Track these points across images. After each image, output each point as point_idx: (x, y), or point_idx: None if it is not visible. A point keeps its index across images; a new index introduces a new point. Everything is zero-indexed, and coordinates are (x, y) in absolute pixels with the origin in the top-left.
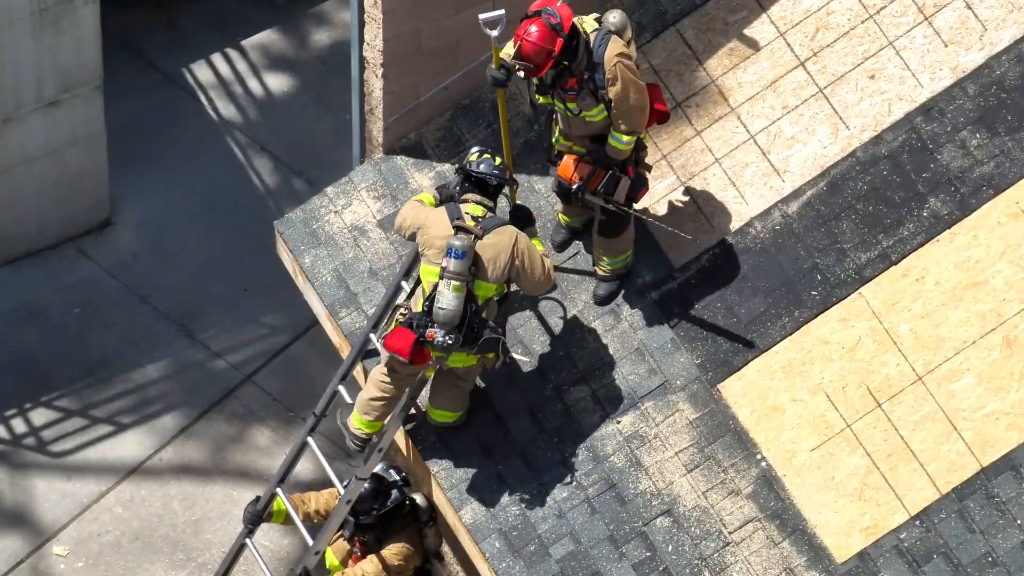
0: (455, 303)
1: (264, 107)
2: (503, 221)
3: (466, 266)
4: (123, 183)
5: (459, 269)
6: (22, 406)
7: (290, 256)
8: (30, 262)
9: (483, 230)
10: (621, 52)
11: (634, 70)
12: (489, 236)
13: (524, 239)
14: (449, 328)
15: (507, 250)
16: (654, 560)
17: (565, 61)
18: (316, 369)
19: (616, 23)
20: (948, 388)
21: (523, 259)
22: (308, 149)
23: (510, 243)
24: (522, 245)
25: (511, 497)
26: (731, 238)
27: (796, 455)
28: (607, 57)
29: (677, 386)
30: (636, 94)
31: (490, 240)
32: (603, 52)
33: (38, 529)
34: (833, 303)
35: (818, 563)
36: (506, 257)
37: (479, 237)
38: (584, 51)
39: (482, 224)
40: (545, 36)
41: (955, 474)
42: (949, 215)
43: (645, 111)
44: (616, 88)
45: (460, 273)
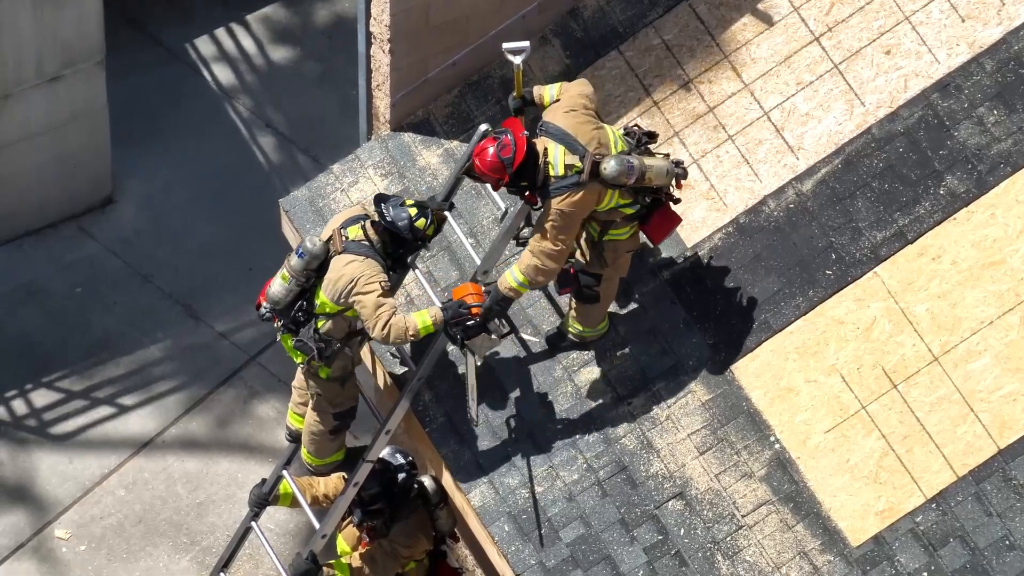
0: (279, 290)
1: (269, 83)
2: (373, 255)
3: (302, 267)
4: (125, 160)
5: (294, 266)
6: (23, 387)
7: (295, 234)
8: (31, 241)
9: (344, 249)
10: (561, 208)
11: (563, 227)
12: (346, 256)
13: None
14: (273, 307)
15: (348, 280)
16: (666, 544)
17: (523, 182)
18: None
19: (608, 175)
20: (965, 369)
21: (359, 303)
22: (314, 126)
23: (354, 277)
24: (361, 289)
25: (520, 480)
26: (744, 217)
27: (810, 437)
28: (547, 203)
29: (689, 367)
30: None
31: (344, 260)
32: (550, 196)
33: (40, 512)
34: (848, 283)
35: (832, 547)
36: (344, 285)
37: (337, 252)
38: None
39: (347, 245)
40: (495, 166)
41: (972, 456)
42: (966, 193)
43: (544, 270)
44: (536, 221)
45: (294, 269)
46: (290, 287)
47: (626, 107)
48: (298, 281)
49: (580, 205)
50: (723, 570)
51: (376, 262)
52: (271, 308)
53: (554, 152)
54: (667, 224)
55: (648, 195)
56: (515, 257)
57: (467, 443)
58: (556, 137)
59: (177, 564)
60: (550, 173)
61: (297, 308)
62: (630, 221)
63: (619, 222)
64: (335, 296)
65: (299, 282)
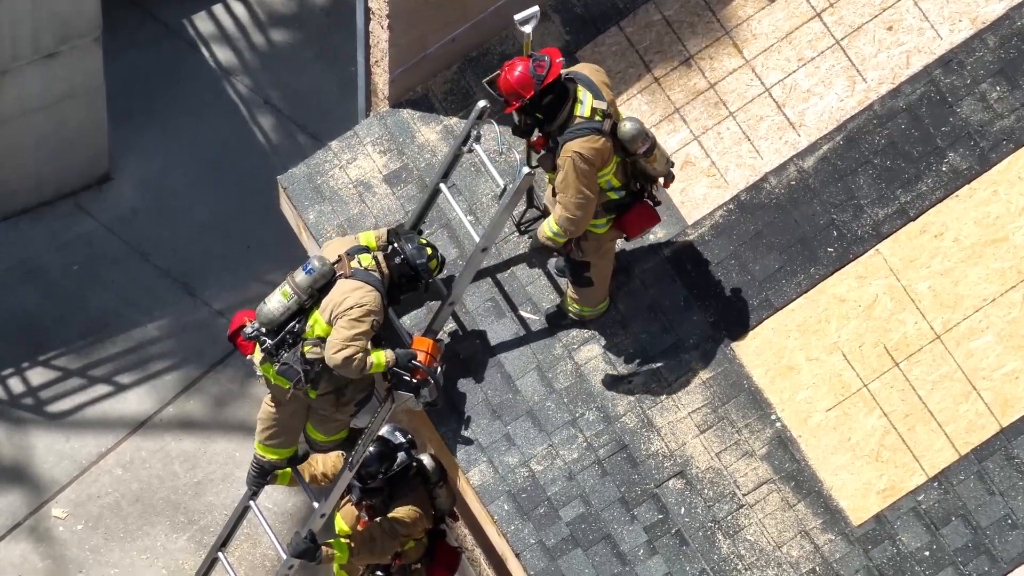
0: (277, 306)
1: (267, 59)
2: (380, 288)
3: (308, 284)
4: (123, 137)
5: (300, 281)
6: (20, 365)
7: (294, 212)
8: (28, 218)
9: (352, 274)
10: (581, 151)
11: (585, 173)
12: (350, 282)
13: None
14: (263, 326)
15: (350, 304)
16: (666, 523)
17: (539, 115)
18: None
19: (626, 131)
20: (967, 347)
21: (342, 326)
22: (312, 102)
23: (357, 303)
24: (353, 316)
25: (520, 458)
26: (745, 194)
27: (811, 415)
28: (566, 146)
29: (690, 345)
30: (575, 196)
31: (352, 284)
32: (568, 139)
33: (36, 491)
34: (850, 260)
35: (834, 525)
36: (342, 309)
37: (345, 276)
38: (560, 123)
39: (356, 271)
40: (523, 81)
41: (974, 435)
42: (968, 170)
43: (575, 219)
44: (558, 178)
45: (299, 285)
46: (289, 304)
47: (627, 83)
48: (299, 299)
49: (597, 153)
50: (724, 549)
51: (380, 296)
52: (258, 328)
53: (584, 94)
54: (646, 221)
55: (639, 182)
56: (513, 235)
57: (466, 422)
58: (585, 84)
59: (175, 543)
60: (576, 111)
61: (288, 329)
62: (608, 212)
63: (599, 210)
64: (331, 317)
65: (299, 300)
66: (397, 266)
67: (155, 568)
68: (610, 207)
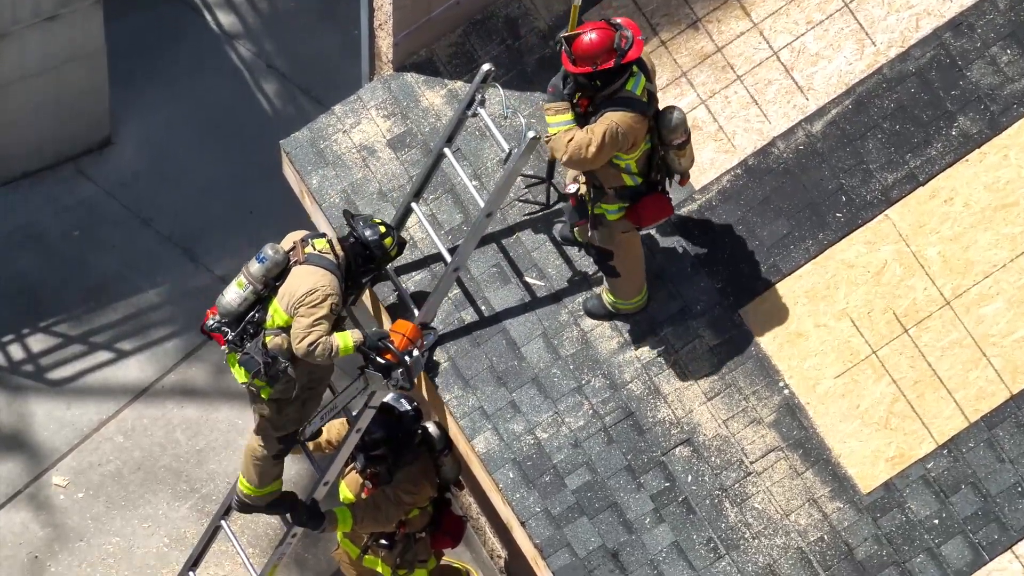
0: (233, 297)
1: (270, 22)
2: (335, 271)
3: (262, 274)
4: (124, 101)
5: (254, 271)
6: (20, 332)
7: (296, 177)
8: (28, 183)
9: (306, 260)
10: (620, 124)
11: (614, 138)
12: (307, 267)
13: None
14: (223, 318)
15: (306, 290)
16: (673, 491)
17: (597, 81)
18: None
19: (672, 119)
20: (977, 313)
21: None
22: (315, 66)
23: (312, 288)
24: (310, 302)
25: (525, 426)
26: (753, 158)
27: (820, 382)
28: (608, 113)
29: (697, 311)
30: (592, 146)
31: (306, 270)
32: (611, 110)
33: (37, 459)
34: (858, 225)
35: (842, 493)
36: (301, 294)
37: (299, 263)
38: (607, 96)
39: (309, 256)
40: (605, 50)
41: (984, 401)
42: (979, 134)
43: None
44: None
45: (253, 275)
46: (245, 294)
47: None
48: (255, 288)
49: (632, 132)
50: (731, 517)
51: (336, 279)
52: (219, 320)
53: (638, 77)
54: (660, 212)
55: (659, 174)
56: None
57: (471, 389)
58: (640, 64)
59: (176, 511)
60: (628, 87)
61: (248, 319)
62: (622, 199)
63: (611, 195)
64: (289, 305)
65: (256, 290)
66: (351, 246)
67: (157, 536)
68: (624, 195)
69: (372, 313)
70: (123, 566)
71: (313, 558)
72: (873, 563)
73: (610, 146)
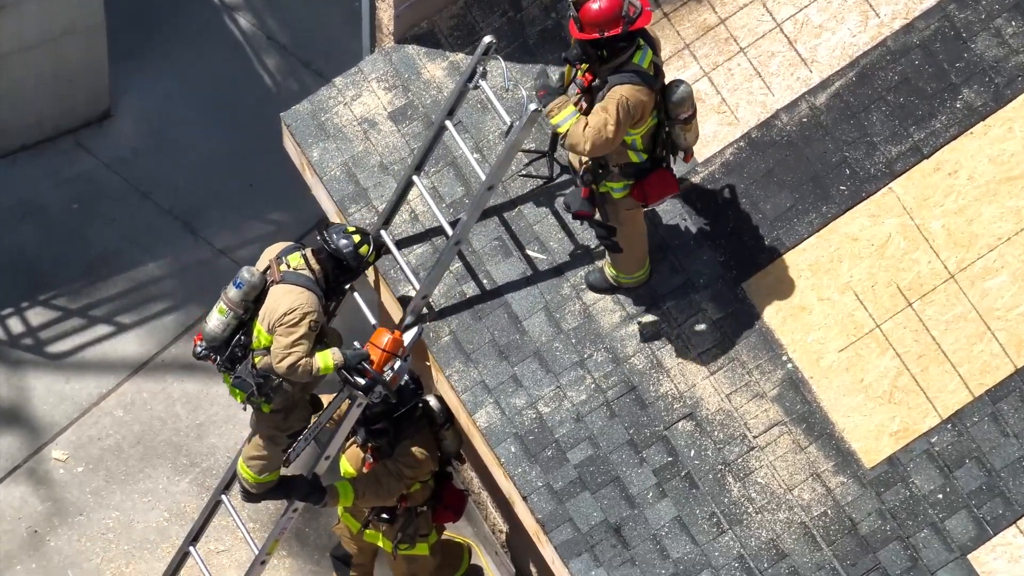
0: (216, 324)
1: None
2: (312, 287)
3: (240, 298)
4: (124, 74)
5: (232, 296)
6: (19, 305)
7: (297, 150)
8: (27, 156)
9: (282, 279)
10: (628, 96)
11: (627, 111)
12: (281, 287)
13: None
14: (210, 344)
15: (284, 311)
16: (676, 465)
17: (603, 52)
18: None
19: (678, 93)
20: (981, 286)
21: (280, 334)
22: (316, 38)
23: (290, 308)
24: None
25: (527, 400)
26: (756, 131)
27: (823, 356)
28: (615, 88)
29: (700, 285)
30: (611, 124)
31: (283, 290)
32: (618, 82)
33: (36, 433)
34: (862, 198)
35: (846, 468)
36: (279, 314)
37: (276, 282)
38: (613, 68)
39: (285, 274)
40: (613, 17)
41: (988, 375)
42: (983, 106)
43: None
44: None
45: (232, 300)
46: (227, 320)
47: None
48: (236, 313)
49: (641, 105)
50: (734, 492)
51: (315, 296)
52: (207, 346)
53: (645, 50)
54: (665, 188)
55: (664, 150)
56: (519, 177)
57: (473, 362)
58: (648, 38)
59: (177, 486)
60: (635, 59)
61: (234, 343)
62: (627, 177)
63: (615, 173)
64: (270, 326)
65: (236, 315)
66: (326, 259)
67: (157, 511)
68: (629, 172)
69: (372, 286)
70: (123, 540)
71: (314, 532)
72: (877, 538)
73: (625, 120)
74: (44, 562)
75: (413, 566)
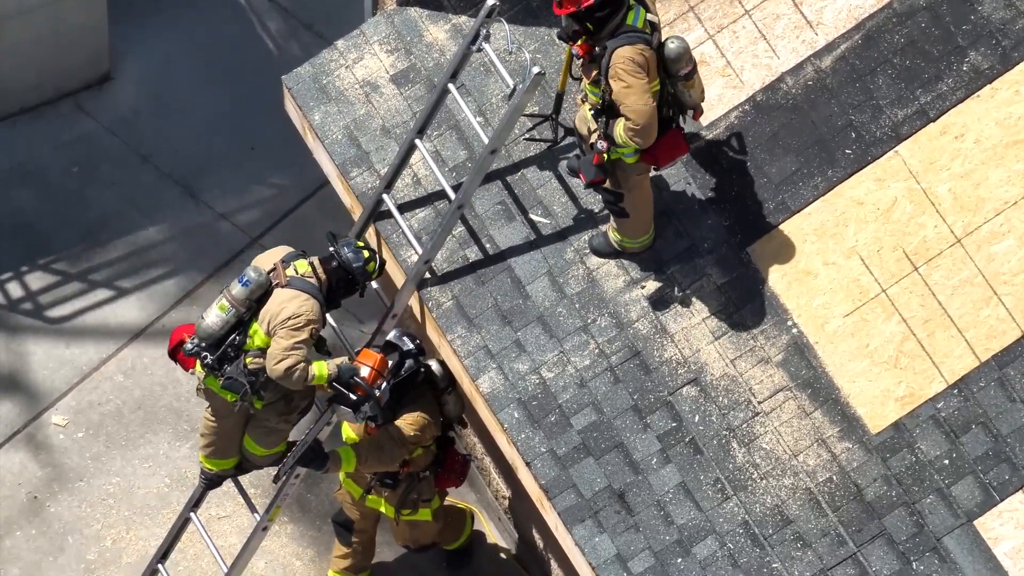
0: (215, 320)
1: None
2: (317, 295)
3: (245, 296)
4: (124, 36)
5: (237, 294)
6: (18, 269)
7: (299, 113)
8: (26, 118)
9: (288, 283)
10: (633, 56)
11: (639, 68)
12: (290, 291)
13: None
14: (203, 341)
15: (288, 315)
16: (680, 431)
17: (588, 24)
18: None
19: (671, 49)
20: (988, 251)
21: (280, 336)
22: (318, 1)
23: (295, 313)
24: (291, 326)
25: (531, 365)
26: (761, 94)
27: (829, 321)
28: (616, 52)
29: (704, 249)
30: (637, 101)
31: (289, 294)
32: (617, 46)
33: (35, 398)
34: (868, 162)
35: (851, 434)
36: (283, 317)
37: (281, 285)
38: (609, 33)
39: (292, 279)
40: None
41: (995, 340)
42: (990, 69)
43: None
44: (616, 88)
45: (236, 298)
46: (227, 318)
47: None
48: (237, 312)
49: (646, 61)
50: (739, 458)
51: (319, 304)
52: (199, 343)
53: (637, 9)
54: (676, 149)
55: (671, 109)
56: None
57: (476, 328)
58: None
59: (177, 451)
60: (628, 20)
61: (228, 342)
62: None
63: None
64: (270, 327)
65: (238, 313)
66: (334, 270)
67: (158, 476)
68: None
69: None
70: (123, 506)
71: (315, 498)
72: (882, 504)
73: (642, 75)
74: (44, 528)
75: (415, 532)
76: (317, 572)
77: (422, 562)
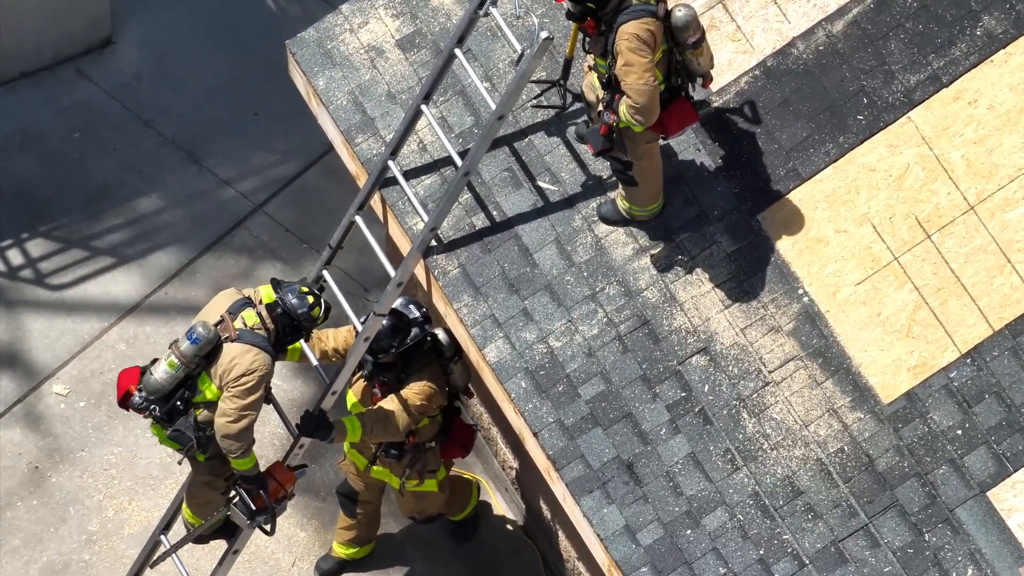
0: (164, 377)
1: None
2: (267, 347)
3: (194, 353)
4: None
5: (186, 351)
6: (19, 237)
7: (303, 78)
8: (26, 83)
9: (239, 337)
10: (637, 31)
11: (643, 44)
12: (238, 346)
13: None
14: (151, 395)
15: (241, 371)
16: (689, 401)
17: (590, 3)
18: (331, 198)
19: (679, 17)
20: (1002, 218)
21: (233, 394)
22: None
23: (248, 369)
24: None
25: (538, 334)
26: (772, 59)
27: (840, 289)
28: (621, 28)
29: (714, 216)
30: (637, 80)
31: (240, 348)
32: (623, 22)
33: (36, 367)
34: (880, 128)
35: (863, 403)
36: (233, 376)
37: (231, 339)
38: (614, 8)
39: (241, 332)
40: None
41: (1008, 309)
42: (1004, 34)
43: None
44: (619, 63)
45: (184, 355)
46: (176, 375)
47: None
48: (186, 369)
49: (649, 33)
50: (749, 428)
51: (270, 357)
52: (146, 398)
53: None
54: (686, 117)
55: (680, 78)
56: (529, 106)
57: (482, 296)
58: None
59: None
60: None
61: (177, 397)
62: None
63: None
64: (222, 383)
65: (187, 369)
66: (279, 317)
67: (160, 446)
68: None
69: (381, 220)
70: (125, 476)
71: (320, 469)
72: (894, 474)
73: (646, 52)
74: (45, 498)
75: (421, 503)
76: (321, 544)
77: (427, 533)
